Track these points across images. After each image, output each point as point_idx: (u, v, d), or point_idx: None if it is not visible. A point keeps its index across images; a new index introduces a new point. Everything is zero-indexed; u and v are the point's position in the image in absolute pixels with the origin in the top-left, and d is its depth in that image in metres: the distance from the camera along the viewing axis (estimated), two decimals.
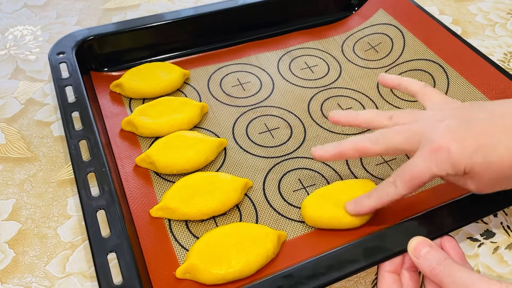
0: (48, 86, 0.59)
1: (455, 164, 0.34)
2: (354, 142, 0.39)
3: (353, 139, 0.40)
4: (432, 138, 0.35)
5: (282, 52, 0.62)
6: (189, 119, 0.50)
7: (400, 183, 0.37)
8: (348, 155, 0.40)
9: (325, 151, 0.41)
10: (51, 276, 0.41)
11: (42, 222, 0.44)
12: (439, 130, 0.36)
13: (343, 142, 0.40)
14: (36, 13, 0.72)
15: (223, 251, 0.38)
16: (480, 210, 0.40)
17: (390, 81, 0.45)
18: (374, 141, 0.39)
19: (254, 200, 0.45)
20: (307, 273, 0.35)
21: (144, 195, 0.45)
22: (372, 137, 0.39)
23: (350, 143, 0.40)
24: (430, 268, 0.33)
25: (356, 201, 0.40)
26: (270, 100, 0.56)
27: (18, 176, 0.48)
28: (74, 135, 0.45)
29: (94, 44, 0.56)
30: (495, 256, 0.43)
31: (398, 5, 0.62)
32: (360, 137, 0.40)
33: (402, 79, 0.44)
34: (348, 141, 0.40)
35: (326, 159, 0.41)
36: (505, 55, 0.65)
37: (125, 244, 0.36)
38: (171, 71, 0.56)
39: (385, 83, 0.46)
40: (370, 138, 0.39)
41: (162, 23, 0.58)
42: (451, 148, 0.34)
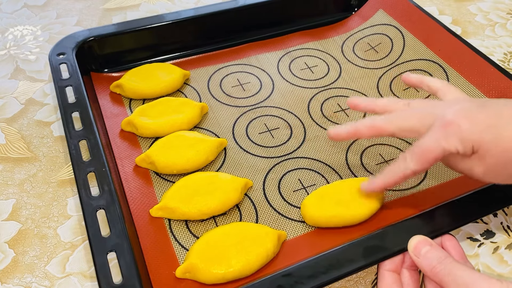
0: (48, 86, 0.59)
1: (464, 140, 0.35)
2: (370, 120, 0.40)
3: (368, 118, 0.41)
4: (445, 115, 0.36)
5: (282, 52, 0.62)
6: (189, 119, 0.50)
7: (411, 158, 0.37)
8: (363, 133, 0.41)
9: (341, 129, 0.41)
10: (51, 276, 0.41)
11: (42, 222, 0.44)
12: (452, 108, 0.36)
13: (359, 121, 0.41)
14: (36, 13, 0.72)
15: (223, 251, 0.38)
16: (480, 210, 0.40)
17: (414, 79, 0.46)
18: (388, 120, 0.39)
19: (254, 200, 0.45)
20: (307, 272, 0.35)
21: (144, 195, 0.45)
22: (387, 116, 0.40)
23: (365, 121, 0.40)
24: (430, 267, 0.33)
25: (370, 180, 0.41)
26: (270, 100, 0.56)
27: (18, 176, 0.48)
28: (74, 135, 0.45)
29: (94, 45, 0.56)
30: (495, 256, 0.43)
31: (397, 6, 0.62)
32: (375, 116, 0.40)
33: (424, 77, 0.45)
34: (363, 120, 0.41)
35: (341, 137, 0.42)
36: (505, 55, 0.65)
37: (125, 244, 0.36)
38: (171, 72, 0.56)
39: (409, 82, 0.46)
40: (385, 117, 0.40)
41: (162, 23, 0.59)
42: (461, 124, 0.35)
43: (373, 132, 0.40)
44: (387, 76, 0.58)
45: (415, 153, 0.37)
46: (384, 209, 0.43)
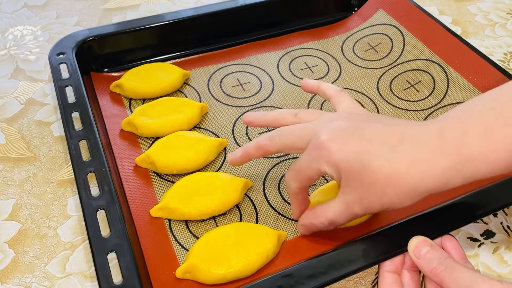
0: (48, 86, 0.59)
1: (332, 164, 0.34)
2: (256, 141, 0.40)
3: (256, 138, 0.41)
4: (318, 134, 0.35)
5: (282, 52, 0.62)
6: (189, 119, 0.50)
7: (290, 179, 0.38)
8: (253, 155, 0.41)
9: (235, 155, 0.42)
10: (51, 276, 0.41)
11: (42, 222, 0.44)
12: (327, 128, 0.36)
13: (249, 143, 0.41)
14: (36, 13, 0.72)
15: (223, 251, 0.38)
16: (480, 210, 0.40)
17: (309, 85, 0.46)
18: (272, 138, 0.39)
19: (254, 200, 0.45)
20: (307, 272, 0.35)
21: (144, 195, 0.45)
22: (271, 134, 0.40)
23: (253, 142, 0.41)
24: (430, 268, 0.33)
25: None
26: (270, 100, 0.56)
27: (18, 176, 0.48)
28: (74, 135, 0.45)
29: (94, 44, 0.56)
30: (495, 256, 0.43)
31: (397, 5, 0.62)
32: (262, 135, 0.41)
33: (321, 83, 0.45)
34: (253, 141, 0.41)
35: (236, 163, 0.42)
36: (505, 55, 0.65)
37: (125, 244, 0.36)
38: (171, 72, 0.56)
39: (305, 88, 0.46)
40: (269, 136, 0.40)
41: (162, 23, 0.59)
42: (331, 148, 0.34)
43: (262, 153, 0.40)
44: (387, 76, 0.58)
45: (292, 172, 0.38)
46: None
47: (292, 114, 0.41)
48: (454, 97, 0.53)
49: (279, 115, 0.42)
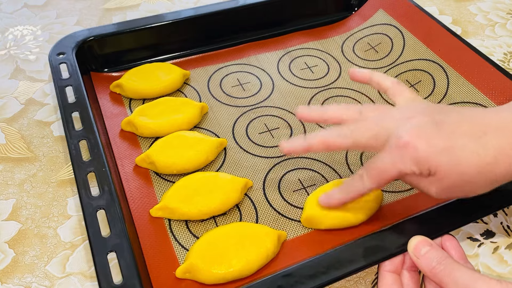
0: (48, 86, 0.59)
1: (421, 162, 0.34)
2: (322, 136, 0.39)
3: (321, 132, 0.39)
4: (400, 134, 0.35)
5: (282, 52, 0.62)
6: (189, 119, 0.50)
7: (367, 178, 0.37)
8: (316, 149, 0.39)
9: (294, 145, 0.40)
10: (51, 276, 0.41)
11: (42, 222, 0.44)
12: (407, 126, 0.35)
13: (312, 135, 0.39)
14: (36, 13, 0.72)
15: (223, 251, 0.38)
16: (480, 210, 0.40)
17: (360, 75, 0.44)
18: (342, 135, 0.38)
19: (254, 200, 0.45)
20: (307, 272, 0.35)
21: (144, 195, 0.45)
22: (341, 131, 0.38)
23: (318, 136, 0.39)
24: (430, 268, 0.33)
25: (328, 194, 0.40)
26: (270, 100, 0.56)
27: (18, 176, 0.48)
28: (74, 135, 0.45)
29: (94, 44, 0.56)
30: (495, 256, 0.43)
31: (398, 5, 0.62)
32: (328, 130, 0.39)
33: (374, 73, 0.43)
34: (316, 134, 0.39)
35: (294, 152, 0.40)
36: (505, 55, 0.65)
37: (125, 244, 0.36)
38: (171, 72, 0.56)
39: (355, 77, 0.45)
40: (339, 132, 0.38)
41: (162, 23, 0.59)
42: (418, 146, 0.34)
43: (326, 148, 0.39)
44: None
45: (371, 174, 0.36)
46: (384, 209, 0.43)
47: (356, 112, 0.39)
48: (454, 97, 0.53)
49: (340, 112, 0.40)
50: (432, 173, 0.34)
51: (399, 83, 0.41)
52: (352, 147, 0.38)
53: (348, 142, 0.38)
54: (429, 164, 0.34)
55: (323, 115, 0.41)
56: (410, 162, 0.34)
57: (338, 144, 0.38)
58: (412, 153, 0.34)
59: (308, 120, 0.42)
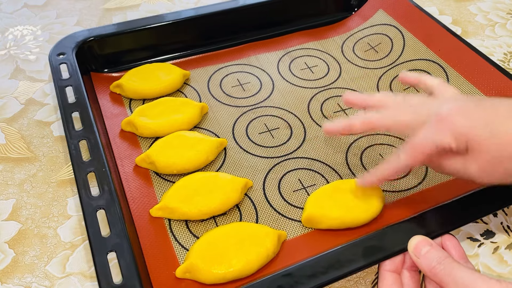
0: (48, 86, 0.59)
1: (458, 136, 0.34)
2: (364, 115, 0.40)
3: (363, 113, 0.40)
4: (440, 110, 0.35)
5: (282, 52, 0.62)
6: (189, 119, 0.50)
7: (403, 153, 0.37)
8: (357, 127, 0.40)
9: (336, 123, 0.41)
10: (51, 276, 0.41)
11: (42, 222, 0.44)
12: (447, 104, 0.36)
13: (354, 116, 0.41)
14: (36, 13, 0.72)
15: (223, 251, 0.38)
16: (480, 210, 0.40)
17: (412, 78, 0.46)
18: (383, 115, 0.39)
19: (254, 200, 0.45)
20: (307, 272, 0.35)
21: (144, 195, 0.45)
22: (382, 112, 0.40)
23: (360, 116, 0.40)
24: (430, 267, 0.33)
25: (364, 174, 0.41)
26: (270, 100, 0.56)
27: (18, 176, 0.48)
28: (74, 135, 0.45)
29: (94, 45, 0.56)
30: (495, 256, 0.43)
31: (397, 6, 0.62)
32: (372, 112, 0.40)
33: (422, 75, 0.45)
34: (358, 114, 0.41)
35: (336, 132, 0.42)
36: (505, 55, 0.65)
37: (125, 244, 0.36)
38: (171, 72, 0.56)
39: (406, 80, 0.46)
40: (380, 113, 0.40)
41: (163, 23, 0.59)
42: (456, 119, 0.34)
43: (368, 127, 0.40)
44: (387, 76, 0.58)
45: (408, 147, 0.37)
46: (385, 209, 0.43)
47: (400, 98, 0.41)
48: None
49: (385, 98, 0.42)
50: (470, 147, 0.34)
51: (445, 82, 0.43)
52: (393, 126, 0.39)
53: (389, 122, 0.39)
54: (467, 137, 0.34)
55: (369, 99, 0.42)
56: (448, 135, 0.34)
57: (380, 123, 0.39)
58: (450, 126, 0.34)
59: (353, 103, 0.43)
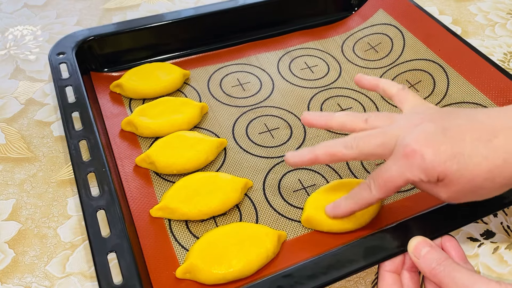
0: (48, 86, 0.59)
1: (428, 171, 0.33)
2: (328, 147, 0.38)
3: (327, 143, 0.39)
4: (406, 142, 0.34)
5: (282, 52, 0.62)
6: (189, 119, 0.50)
7: (374, 187, 0.36)
8: (322, 160, 0.39)
9: (300, 157, 0.40)
10: (51, 276, 0.41)
11: (42, 222, 0.44)
12: (414, 134, 0.34)
13: (317, 147, 0.39)
14: (36, 13, 0.72)
15: (223, 251, 0.38)
16: (480, 210, 0.40)
17: (366, 82, 0.44)
18: (348, 146, 0.37)
19: (254, 200, 0.45)
20: (307, 273, 0.35)
21: (144, 195, 0.45)
22: (346, 141, 0.38)
23: (323, 148, 0.38)
24: (429, 268, 0.33)
25: (335, 204, 0.40)
26: (270, 100, 0.56)
27: (18, 176, 0.48)
28: (74, 135, 0.45)
29: (94, 44, 0.56)
30: (495, 256, 0.43)
31: (398, 5, 0.62)
32: (333, 141, 0.38)
33: (380, 80, 0.43)
34: (321, 146, 0.39)
35: (300, 165, 0.40)
36: (505, 55, 0.65)
37: (125, 244, 0.36)
38: (171, 72, 0.56)
39: (361, 84, 0.44)
40: (344, 143, 0.38)
41: (162, 23, 0.58)
42: (425, 154, 0.33)
43: (333, 159, 0.38)
44: (387, 76, 0.58)
45: (378, 183, 0.36)
46: (384, 210, 0.43)
47: (362, 120, 0.39)
48: (454, 97, 0.53)
49: (347, 119, 0.40)
50: (440, 179, 0.34)
51: (405, 89, 0.41)
52: (359, 157, 0.37)
53: (354, 153, 0.37)
54: (437, 172, 0.33)
55: (329, 122, 0.41)
56: (418, 171, 0.34)
57: (344, 154, 0.38)
58: (419, 161, 0.33)
59: (313, 125, 0.41)
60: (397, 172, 0.34)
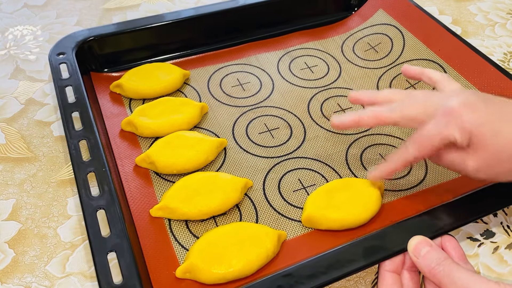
0: (48, 86, 0.59)
1: (463, 129, 0.35)
2: (374, 110, 0.41)
3: (372, 107, 0.41)
4: (447, 103, 0.36)
5: (282, 52, 0.62)
6: (189, 119, 0.50)
7: (410, 145, 0.38)
8: (366, 121, 0.41)
9: (345, 117, 0.42)
10: (51, 276, 0.41)
11: (42, 222, 0.44)
12: (456, 98, 0.36)
13: (364, 110, 0.41)
14: (36, 13, 0.72)
15: (223, 251, 0.38)
16: (480, 210, 0.40)
17: (415, 71, 0.46)
18: (393, 110, 0.40)
19: (254, 200, 0.45)
20: (307, 272, 0.35)
21: (144, 195, 0.45)
22: (392, 106, 0.40)
23: (370, 111, 0.41)
24: (429, 268, 0.33)
25: (375, 168, 0.41)
26: (270, 100, 0.56)
27: (18, 176, 0.48)
28: (74, 135, 0.45)
29: (94, 44, 0.56)
30: (495, 256, 0.43)
31: (397, 5, 0.62)
32: (380, 106, 0.41)
33: (425, 69, 0.45)
34: (368, 109, 0.41)
35: (344, 125, 0.42)
36: (505, 55, 0.65)
37: (125, 244, 0.36)
38: (171, 72, 0.56)
39: (409, 74, 0.47)
40: (389, 106, 0.40)
41: (162, 23, 0.59)
42: (463, 113, 0.35)
43: (376, 121, 0.40)
44: (387, 75, 0.58)
45: (415, 140, 0.37)
46: (384, 209, 0.43)
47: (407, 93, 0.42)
48: None
49: (392, 93, 0.42)
50: (472, 143, 0.35)
51: (449, 77, 0.43)
52: (401, 120, 0.39)
53: (398, 116, 0.39)
54: (470, 131, 0.35)
55: (376, 96, 0.43)
56: (454, 128, 0.35)
57: (388, 116, 0.40)
58: (457, 119, 0.35)
59: (360, 101, 0.44)
60: (435, 129, 0.36)
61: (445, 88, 0.42)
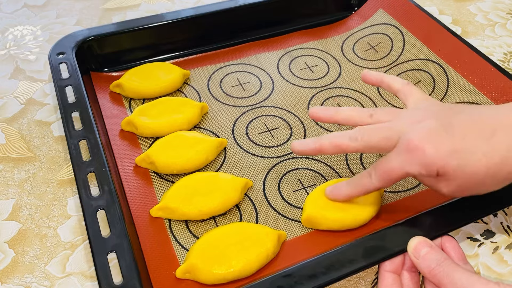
0: (48, 86, 0.59)
1: (428, 166, 0.34)
2: (334, 138, 0.40)
3: (333, 135, 0.40)
4: (410, 137, 0.35)
5: (282, 52, 0.62)
6: (189, 119, 0.50)
7: (374, 176, 0.37)
8: (326, 150, 0.40)
9: (305, 145, 0.41)
10: (51, 276, 0.41)
11: (42, 222, 0.44)
12: (418, 130, 0.35)
13: (323, 137, 0.40)
14: (36, 13, 0.72)
15: (223, 251, 0.38)
16: (480, 210, 0.40)
17: (373, 78, 0.45)
18: (353, 138, 0.39)
19: (254, 200, 0.45)
20: (307, 272, 0.35)
21: (144, 195, 0.45)
22: (351, 134, 0.39)
23: (329, 138, 0.40)
24: (429, 269, 0.33)
25: (335, 187, 0.41)
26: (270, 100, 0.56)
27: (18, 176, 0.48)
28: (74, 135, 0.45)
29: (94, 44, 0.56)
30: (495, 256, 0.43)
31: (397, 5, 0.62)
32: (339, 133, 0.40)
33: (385, 76, 0.44)
34: (327, 136, 0.40)
35: (305, 153, 0.42)
36: (505, 55, 0.65)
37: (125, 244, 0.36)
38: (171, 71, 0.56)
39: (367, 80, 0.45)
40: (349, 135, 0.39)
41: (162, 23, 0.58)
42: (426, 150, 0.34)
43: (338, 150, 0.40)
44: None
45: (378, 172, 0.37)
46: (384, 210, 0.43)
47: (367, 115, 0.40)
48: (454, 97, 0.53)
49: (352, 114, 0.41)
50: (440, 174, 0.34)
51: (409, 85, 0.42)
52: (363, 149, 0.39)
53: (359, 145, 0.38)
54: (437, 167, 0.34)
55: (335, 116, 0.42)
56: (418, 165, 0.35)
57: (349, 146, 0.39)
58: (420, 156, 0.34)
59: (320, 120, 0.43)
60: (398, 165, 0.36)
61: (407, 100, 0.41)
